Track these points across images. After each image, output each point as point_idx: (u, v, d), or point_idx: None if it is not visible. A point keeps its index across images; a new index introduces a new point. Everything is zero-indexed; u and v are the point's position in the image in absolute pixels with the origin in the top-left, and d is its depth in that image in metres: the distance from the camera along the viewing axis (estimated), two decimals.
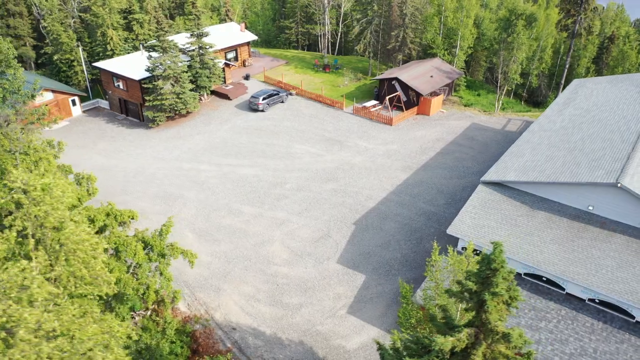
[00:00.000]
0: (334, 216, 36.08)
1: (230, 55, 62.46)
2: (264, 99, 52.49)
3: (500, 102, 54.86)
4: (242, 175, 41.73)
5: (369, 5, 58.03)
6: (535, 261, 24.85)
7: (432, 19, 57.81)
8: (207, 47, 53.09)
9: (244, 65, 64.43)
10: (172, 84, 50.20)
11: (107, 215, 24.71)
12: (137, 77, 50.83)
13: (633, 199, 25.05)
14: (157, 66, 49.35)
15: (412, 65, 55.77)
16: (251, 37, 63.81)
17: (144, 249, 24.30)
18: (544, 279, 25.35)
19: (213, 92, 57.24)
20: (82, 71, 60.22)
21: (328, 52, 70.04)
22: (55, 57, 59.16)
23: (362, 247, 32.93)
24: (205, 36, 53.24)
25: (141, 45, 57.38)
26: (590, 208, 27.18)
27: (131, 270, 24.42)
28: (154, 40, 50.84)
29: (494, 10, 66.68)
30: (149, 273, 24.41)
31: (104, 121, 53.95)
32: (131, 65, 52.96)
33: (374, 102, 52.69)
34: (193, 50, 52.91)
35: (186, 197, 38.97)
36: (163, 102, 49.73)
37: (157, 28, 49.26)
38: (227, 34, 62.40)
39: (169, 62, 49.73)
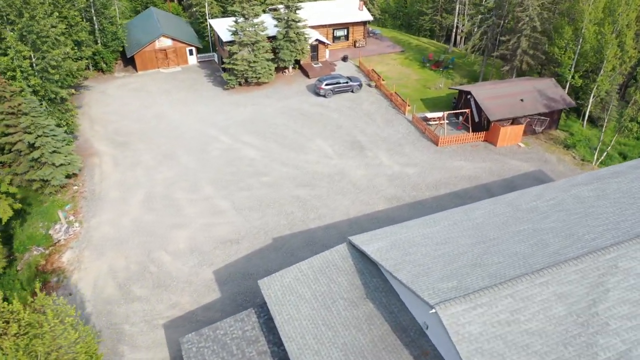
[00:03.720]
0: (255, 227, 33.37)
1: (340, 33, 59.83)
2: (327, 84, 49.58)
3: (606, 149, 40.94)
4: (240, 156, 41.18)
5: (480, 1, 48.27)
6: None
7: (563, 30, 45.15)
8: (296, 20, 52.00)
9: (355, 46, 61.07)
10: (249, 52, 51.16)
11: None
12: (225, 39, 53.26)
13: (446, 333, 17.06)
14: (237, 32, 50.76)
15: (505, 82, 45.24)
16: (367, 17, 59.62)
17: None
18: None
19: (300, 67, 56.31)
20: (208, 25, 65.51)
21: (455, 46, 61.13)
22: (195, 8, 65.56)
23: None
24: (297, 9, 52.12)
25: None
26: (425, 327, 19.50)
27: None
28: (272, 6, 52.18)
29: None
30: None
31: (204, 74, 58.36)
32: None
33: (439, 114, 44.89)
34: (281, 21, 52.48)
35: (176, 159, 40.67)
36: (236, 67, 51.30)
37: None
38: (340, 10, 59.66)
39: (250, 29, 50.66)
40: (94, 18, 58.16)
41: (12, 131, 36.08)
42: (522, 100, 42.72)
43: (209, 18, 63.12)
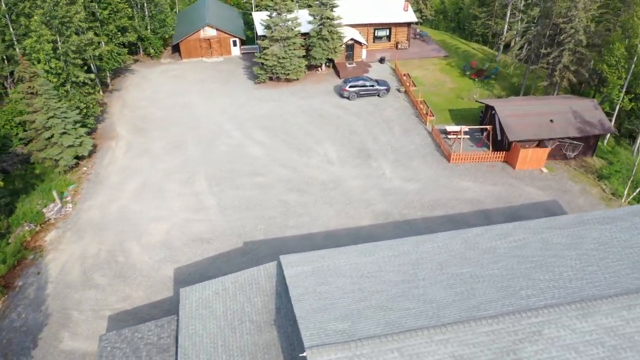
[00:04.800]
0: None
1: (381, 33, 57.51)
2: (351, 86, 47.93)
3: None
4: (244, 153, 40.99)
5: (529, 7, 43.96)
6: None
7: (614, 45, 40.20)
8: (330, 18, 50.70)
9: (397, 48, 58.50)
10: (280, 47, 50.71)
11: None
12: (259, 33, 53.21)
13: None
14: (269, 26, 50.46)
15: (537, 100, 41.19)
16: (412, 18, 56.68)
17: None
18: None
19: (334, 66, 54.97)
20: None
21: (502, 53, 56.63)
22: (245, 0, 66.07)
23: None
24: (333, 7, 50.78)
25: (296, 3, 58.60)
26: None
27: None
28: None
29: None
30: None
31: (242, 66, 58.81)
32: None
33: (458, 128, 41.84)
34: (316, 18, 51.40)
35: (184, 150, 41.33)
36: (266, 61, 51.11)
37: None
38: (383, 10, 57.21)
39: (282, 24, 50.19)
40: (145, 5, 60.35)
41: (30, 110, 38.28)
42: (551, 121, 38.70)
43: (254, 10, 63.29)
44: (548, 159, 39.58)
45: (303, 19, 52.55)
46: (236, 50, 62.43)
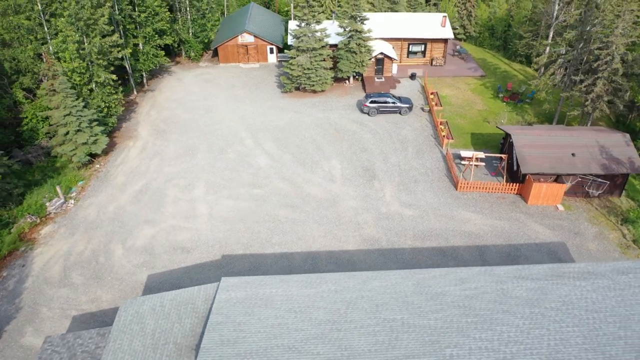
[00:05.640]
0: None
1: (416, 48, 55.51)
2: (372, 102, 46.57)
3: None
4: (250, 162, 40.85)
5: (565, 29, 40.65)
6: None
7: None
8: (359, 31, 49.66)
9: (431, 64, 56.30)
10: (307, 58, 50.34)
11: None
12: (289, 42, 53.06)
13: None
14: (297, 36, 50.22)
15: (561, 130, 37.97)
16: (449, 34, 54.24)
17: None
18: None
19: (362, 80, 53.77)
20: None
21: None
22: (287, 8, 66.23)
23: None
24: (363, 20, 49.71)
25: (334, 14, 58.00)
26: None
27: None
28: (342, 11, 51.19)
29: None
30: None
31: (275, 74, 58.97)
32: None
33: (475, 154, 39.44)
34: (345, 30, 50.52)
35: (193, 155, 41.80)
36: (291, 71, 50.92)
37: (307, 3, 48.89)
38: (420, 24, 55.19)
39: (309, 35, 49.82)
40: (187, 9, 61.96)
41: (51, 106, 40.12)
42: (573, 154, 35.58)
43: (292, 19, 63.27)
44: (568, 196, 36.49)
45: (334, 30, 51.80)
46: (272, 58, 62.66)
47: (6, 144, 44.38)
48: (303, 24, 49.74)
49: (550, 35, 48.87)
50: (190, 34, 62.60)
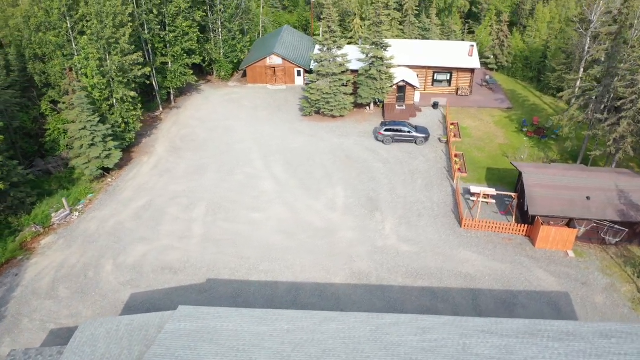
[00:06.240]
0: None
1: (441, 77, 54.13)
2: (387, 130, 45.63)
3: None
4: (255, 185, 40.77)
5: (593, 65, 38.40)
6: None
7: None
8: (381, 58, 49.06)
9: (457, 94, 54.71)
10: (327, 83, 50.17)
11: None
12: (312, 66, 53.14)
13: None
14: (317, 61, 50.22)
15: (578, 171, 35.61)
16: (476, 64, 52.60)
17: None
18: None
19: (383, 107, 52.93)
20: None
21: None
22: (317, 32, 66.55)
23: None
24: (385, 47, 49.12)
25: (360, 40, 57.69)
26: None
27: None
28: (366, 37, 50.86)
29: None
30: None
31: (299, 97, 58.88)
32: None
33: (484, 190, 37.64)
34: (367, 56, 50.04)
35: (202, 174, 42.16)
36: (311, 95, 50.84)
37: (329, 28, 48.85)
38: (446, 53, 53.86)
39: (330, 59, 49.71)
40: (220, 30, 63.32)
41: (69, 120, 41.62)
42: (588, 198, 33.27)
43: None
44: (583, 242, 34.10)
45: (357, 56, 51.39)
46: (300, 80, 62.83)
47: (30, 153, 46.38)
48: (324, 49, 49.64)
49: (581, 70, 46.49)
50: (221, 54, 63.80)
